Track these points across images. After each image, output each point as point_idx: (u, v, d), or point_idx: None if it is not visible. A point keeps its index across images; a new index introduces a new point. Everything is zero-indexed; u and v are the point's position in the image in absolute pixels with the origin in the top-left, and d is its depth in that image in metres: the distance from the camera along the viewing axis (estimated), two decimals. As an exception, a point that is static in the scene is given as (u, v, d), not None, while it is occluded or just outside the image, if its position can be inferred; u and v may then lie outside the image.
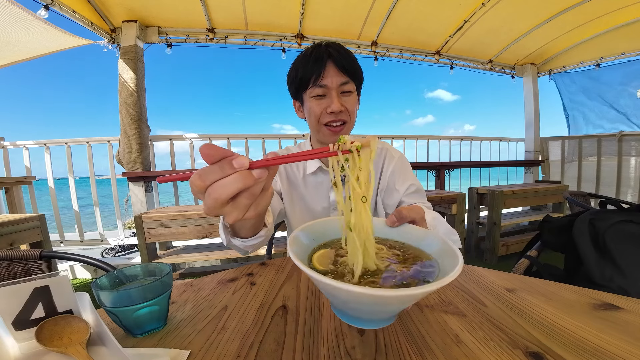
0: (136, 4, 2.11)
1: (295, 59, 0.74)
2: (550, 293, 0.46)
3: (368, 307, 0.32)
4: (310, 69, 0.69)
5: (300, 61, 0.72)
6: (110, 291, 0.38)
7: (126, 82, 2.17)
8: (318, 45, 0.72)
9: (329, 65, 0.69)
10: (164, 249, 2.06)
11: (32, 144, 2.54)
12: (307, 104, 0.74)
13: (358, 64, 0.74)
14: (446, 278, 0.28)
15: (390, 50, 2.94)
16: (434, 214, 0.64)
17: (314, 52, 0.70)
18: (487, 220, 2.41)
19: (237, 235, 0.53)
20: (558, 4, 2.43)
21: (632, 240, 0.76)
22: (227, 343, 0.36)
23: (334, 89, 0.70)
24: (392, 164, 0.82)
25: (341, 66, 0.69)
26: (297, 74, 0.72)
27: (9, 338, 0.34)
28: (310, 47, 0.72)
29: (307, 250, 0.40)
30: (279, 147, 2.89)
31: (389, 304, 0.31)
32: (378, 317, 0.36)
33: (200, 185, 0.30)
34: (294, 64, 0.74)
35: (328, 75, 0.69)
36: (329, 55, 0.69)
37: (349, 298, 0.30)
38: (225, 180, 0.29)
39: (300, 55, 0.73)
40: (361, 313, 0.34)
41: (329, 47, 0.71)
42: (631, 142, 3.09)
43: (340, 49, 0.71)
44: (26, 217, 1.57)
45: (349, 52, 0.73)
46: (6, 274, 0.75)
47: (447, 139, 3.57)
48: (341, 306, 0.36)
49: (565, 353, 0.31)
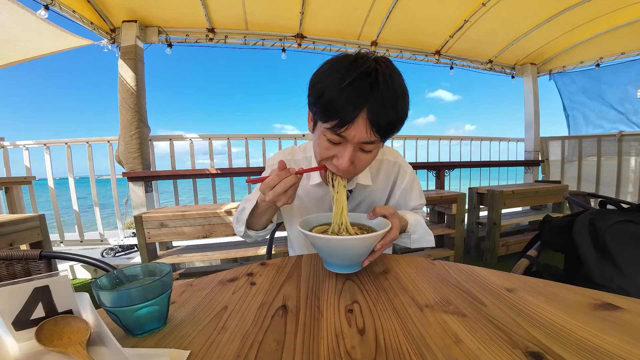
0: (136, 4, 2.11)
1: (330, 68, 0.53)
2: (550, 293, 0.46)
3: (337, 251, 0.52)
4: (335, 109, 0.50)
5: (332, 83, 0.50)
6: (110, 291, 0.38)
7: (126, 82, 2.17)
8: (364, 72, 0.49)
9: (360, 117, 0.50)
10: (164, 249, 2.05)
11: (32, 144, 2.54)
12: (317, 132, 0.59)
13: (404, 112, 0.54)
14: (374, 234, 0.51)
15: (390, 50, 2.94)
16: (417, 218, 0.72)
17: (352, 84, 0.49)
18: (487, 220, 2.41)
19: (252, 228, 0.73)
20: (558, 4, 2.43)
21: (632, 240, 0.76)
22: (227, 343, 0.36)
23: (352, 144, 0.54)
24: (405, 182, 0.81)
25: (376, 124, 0.51)
26: (320, 95, 0.52)
27: (9, 338, 0.34)
28: (353, 66, 0.50)
29: (309, 227, 0.61)
30: (279, 147, 2.89)
31: (346, 246, 0.51)
32: (347, 261, 0.54)
33: (275, 180, 0.54)
34: (324, 77, 0.53)
35: (353, 129, 0.51)
36: (366, 101, 0.49)
37: (327, 244, 0.51)
38: (287, 179, 0.54)
39: (336, 67, 0.52)
40: (336, 258, 0.54)
41: (376, 79, 0.49)
42: (631, 142, 3.08)
43: (389, 89, 0.50)
44: (26, 217, 1.57)
45: (397, 97, 0.52)
46: (6, 274, 0.75)
47: (447, 139, 3.57)
48: (326, 256, 0.56)
49: (565, 353, 0.31)
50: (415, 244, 0.72)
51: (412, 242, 0.71)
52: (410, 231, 0.69)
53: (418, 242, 0.72)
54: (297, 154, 0.83)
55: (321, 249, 0.55)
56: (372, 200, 0.80)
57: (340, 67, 0.51)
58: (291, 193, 0.56)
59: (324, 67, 0.55)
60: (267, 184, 0.55)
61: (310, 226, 0.62)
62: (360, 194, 0.78)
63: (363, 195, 0.79)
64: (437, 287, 0.50)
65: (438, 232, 2.23)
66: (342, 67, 0.51)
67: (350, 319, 0.40)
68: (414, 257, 0.65)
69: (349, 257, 0.53)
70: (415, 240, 0.71)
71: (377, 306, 0.44)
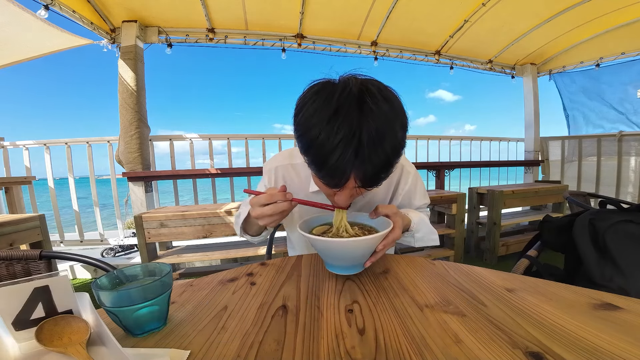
0: (136, 4, 2.11)
1: (313, 116, 0.46)
2: (550, 293, 0.46)
3: (338, 253, 0.51)
4: (322, 175, 0.48)
5: (316, 143, 0.45)
6: (110, 291, 0.38)
7: (126, 82, 2.17)
8: (347, 134, 0.43)
9: (350, 180, 0.47)
10: (164, 249, 2.05)
11: (32, 144, 2.54)
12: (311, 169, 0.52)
13: (396, 154, 0.48)
14: (376, 235, 0.49)
15: (390, 50, 2.94)
16: (421, 217, 0.71)
17: (335, 151, 0.44)
18: (487, 220, 2.41)
19: (247, 233, 0.77)
20: (558, 4, 2.43)
21: (632, 240, 0.76)
22: (227, 343, 0.36)
23: (348, 189, 0.51)
24: (408, 182, 0.80)
25: (367, 182, 0.48)
26: (305, 149, 0.49)
27: (9, 338, 0.34)
28: (334, 122, 0.43)
29: (309, 228, 0.61)
30: (279, 147, 2.88)
31: (347, 248, 0.50)
32: (348, 262, 0.53)
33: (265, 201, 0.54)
34: (306, 129, 0.47)
35: (344, 188, 0.50)
36: (352, 167, 0.45)
37: (328, 246, 0.51)
38: (280, 205, 0.54)
39: (318, 118, 0.45)
40: (337, 260, 0.53)
41: (360, 141, 0.43)
42: (631, 142, 3.08)
43: (376, 149, 0.44)
44: (26, 217, 1.57)
45: (386, 150, 0.46)
46: (6, 274, 0.75)
47: (447, 139, 3.57)
48: (327, 258, 0.55)
49: (565, 353, 0.31)
50: (419, 243, 0.71)
51: (416, 241, 0.70)
52: (414, 230, 0.68)
53: (422, 241, 0.71)
54: (295, 157, 0.79)
55: (322, 251, 0.54)
56: (375, 202, 0.79)
57: (323, 119, 0.44)
58: (277, 218, 0.55)
59: (306, 111, 0.47)
60: (258, 200, 0.54)
61: (311, 227, 0.61)
62: (363, 197, 0.78)
63: (366, 197, 0.78)
64: (437, 287, 0.50)
65: (438, 232, 2.22)
66: (324, 120, 0.44)
67: (350, 319, 0.40)
68: (414, 257, 0.65)
69: (350, 259, 0.53)
70: (419, 239, 0.70)
71: (377, 306, 0.44)
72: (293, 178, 0.79)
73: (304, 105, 0.48)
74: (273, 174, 0.80)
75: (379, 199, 0.80)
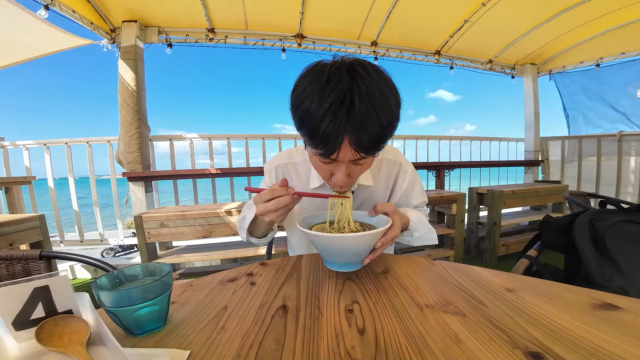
0: (136, 4, 2.11)
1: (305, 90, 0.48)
2: (550, 293, 0.46)
3: (337, 249, 0.52)
4: (317, 141, 0.49)
5: (309, 112, 0.47)
6: (110, 291, 0.38)
7: (126, 82, 2.17)
8: (338, 97, 0.45)
9: (344, 143, 0.49)
10: (164, 249, 2.05)
11: (32, 144, 2.54)
12: (309, 151, 0.58)
13: (390, 122, 0.49)
14: (375, 230, 0.50)
15: (390, 50, 2.94)
16: (420, 216, 0.72)
17: (327, 115, 0.45)
18: (487, 220, 2.41)
19: (253, 235, 0.76)
20: (558, 4, 2.43)
21: (632, 240, 0.76)
22: (227, 343, 0.36)
23: (343, 163, 0.54)
24: (406, 181, 0.81)
25: (361, 146, 0.49)
26: (300, 123, 0.51)
27: (9, 338, 0.34)
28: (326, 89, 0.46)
29: (308, 226, 0.60)
30: (279, 147, 2.89)
31: (345, 244, 0.50)
32: (347, 259, 0.54)
33: (267, 196, 0.53)
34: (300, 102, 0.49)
35: (340, 154, 0.51)
36: (345, 129, 0.46)
37: (326, 242, 0.51)
38: (282, 198, 0.53)
39: (310, 91, 0.47)
40: (336, 256, 0.54)
41: (352, 103, 0.45)
42: (631, 142, 3.08)
43: (367, 110, 0.46)
44: (26, 217, 1.57)
45: (379, 113, 0.47)
46: (6, 274, 0.75)
47: (447, 139, 3.57)
48: (325, 255, 0.56)
49: (565, 353, 0.31)
50: (417, 242, 0.71)
51: (415, 240, 0.70)
52: (413, 229, 0.68)
53: (420, 239, 0.71)
54: (294, 156, 0.81)
55: (320, 247, 0.54)
56: (374, 200, 0.80)
57: (315, 90, 0.47)
58: (282, 212, 0.55)
59: (299, 87, 0.50)
60: (261, 197, 0.54)
61: (309, 225, 0.61)
62: (362, 194, 0.78)
63: (365, 195, 0.78)
64: (437, 287, 0.50)
65: (438, 232, 2.23)
66: (316, 90, 0.46)
67: (350, 319, 0.40)
68: (413, 257, 0.65)
69: (348, 255, 0.53)
70: (418, 238, 0.70)
71: (377, 306, 0.44)
72: (293, 176, 0.80)
73: (298, 84, 0.51)
74: (274, 172, 0.81)
75: (378, 196, 0.80)
